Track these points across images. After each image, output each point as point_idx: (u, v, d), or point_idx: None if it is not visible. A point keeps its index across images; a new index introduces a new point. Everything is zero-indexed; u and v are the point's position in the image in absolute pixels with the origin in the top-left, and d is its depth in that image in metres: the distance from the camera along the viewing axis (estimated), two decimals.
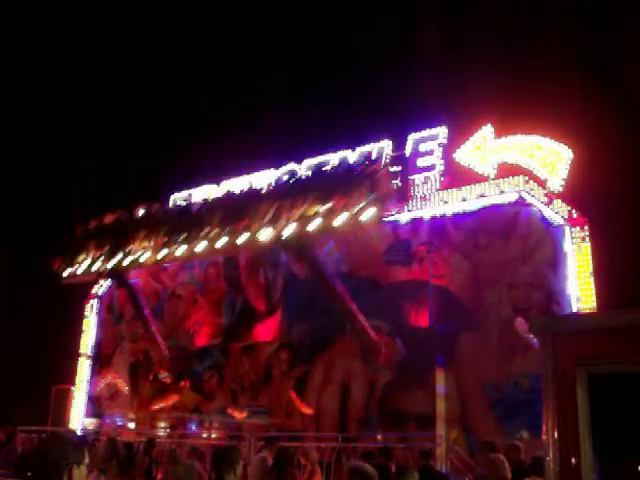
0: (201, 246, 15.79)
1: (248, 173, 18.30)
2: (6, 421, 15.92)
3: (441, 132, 15.48)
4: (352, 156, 16.47)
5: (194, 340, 18.39)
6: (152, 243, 16.78)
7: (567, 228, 13.34)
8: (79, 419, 19.38)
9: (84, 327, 20.48)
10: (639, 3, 15.23)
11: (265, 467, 10.58)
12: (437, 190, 15.04)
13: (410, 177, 15.43)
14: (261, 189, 15.72)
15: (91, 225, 18.61)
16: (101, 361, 20.09)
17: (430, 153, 15.40)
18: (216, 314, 18.26)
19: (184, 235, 16.15)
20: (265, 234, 14.58)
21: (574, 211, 13.31)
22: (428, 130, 15.67)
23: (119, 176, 22.22)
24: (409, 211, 15.27)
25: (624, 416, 5.39)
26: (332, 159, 16.80)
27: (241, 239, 14.99)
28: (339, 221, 13.49)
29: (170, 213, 17.44)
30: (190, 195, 19.35)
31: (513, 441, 10.31)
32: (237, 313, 17.88)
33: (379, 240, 15.70)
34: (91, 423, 19.23)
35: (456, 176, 15.03)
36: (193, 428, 17.44)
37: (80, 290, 20.78)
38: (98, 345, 20.38)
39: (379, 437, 13.83)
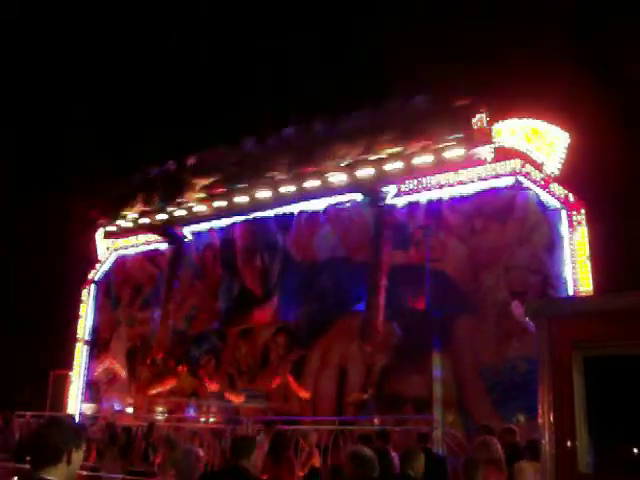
0: (265, 193, 15.79)
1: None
2: (4, 406, 15.94)
3: None
4: None
5: (191, 324, 18.39)
6: (208, 193, 16.78)
7: (564, 212, 13.33)
8: (77, 404, 19.42)
9: (81, 312, 20.48)
10: None
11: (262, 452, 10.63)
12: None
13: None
14: (333, 128, 15.63)
15: (136, 178, 18.49)
16: (98, 346, 20.09)
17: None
18: (213, 298, 18.26)
19: (245, 183, 16.10)
20: (338, 177, 14.85)
21: (571, 195, 13.30)
22: None
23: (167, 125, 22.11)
24: (406, 195, 15.27)
25: (620, 399, 5.41)
26: None
27: (310, 183, 15.18)
28: (421, 160, 13.95)
29: (227, 157, 17.15)
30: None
31: (508, 424, 10.37)
32: (234, 297, 17.87)
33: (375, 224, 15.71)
34: (89, 408, 19.28)
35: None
36: (191, 412, 17.49)
37: (77, 275, 20.81)
38: (95, 330, 20.38)
39: (376, 420, 13.87)
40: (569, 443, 5.28)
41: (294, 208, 16.81)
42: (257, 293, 17.48)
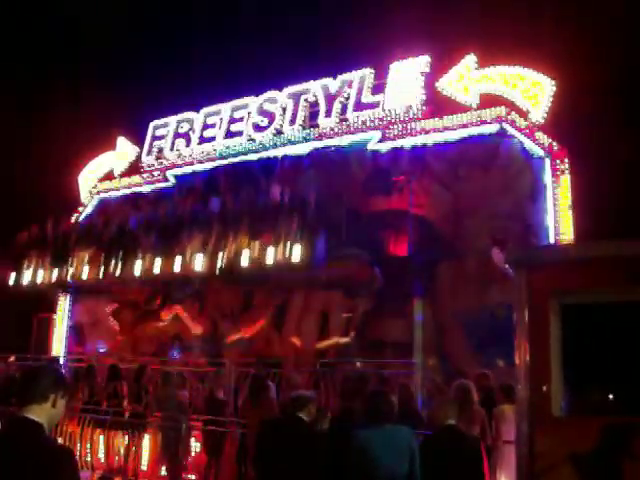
0: (138, 268, 15.94)
1: (228, 100, 18.11)
2: None
3: (424, 61, 15.30)
4: (333, 84, 16.32)
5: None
6: (90, 258, 16.93)
7: (547, 160, 13.35)
8: (61, 347, 19.51)
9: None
10: None
11: None
12: (418, 119, 14.96)
13: (391, 105, 15.36)
14: (189, 216, 15.92)
15: (32, 232, 18.46)
16: (82, 289, 20.09)
17: (412, 82, 15.25)
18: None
19: (121, 253, 16.38)
20: (199, 262, 14.98)
21: (555, 143, 13.31)
22: (411, 59, 15.48)
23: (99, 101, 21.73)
24: (390, 140, 15.22)
25: (595, 346, 5.52)
26: (313, 87, 16.66)
27: (176, 265, 15.34)
28: (270, 258, 13.98)
29: (109, 228, 17.41)
30: (167, 123, 19.15)
31: (483, 370, 10.57)
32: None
33: (359, 169, 15.69)
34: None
35: (438, 106, 14.93)
36: (174, 355, 17.64)
37: (61, 218, 20.71)
38: None
39: (358, 364, 14.07)
40: (544, 388, 5.41)
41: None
42: None
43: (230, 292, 17.03)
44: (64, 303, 19.89)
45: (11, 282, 18.06)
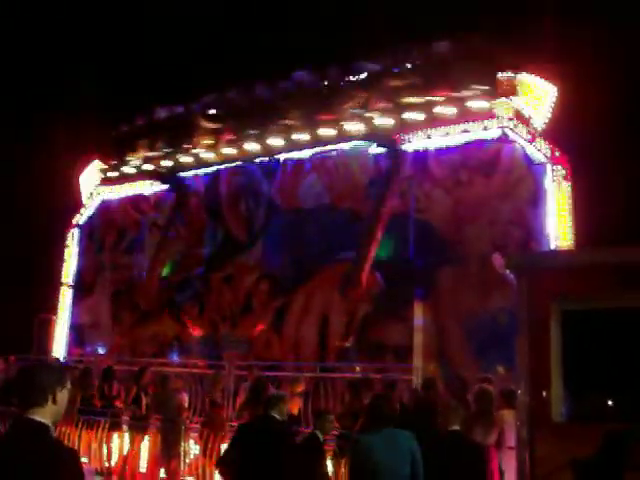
0: (276, 140, 15.30)
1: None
2: None
3: None
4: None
5: (175, 270, 18.42)
6: (217, 139, 16.27)
7: (549, 166, 13.36)
8: (62, 347, 19.52)
9: (66, 256, 20.43)
10: None
11: None
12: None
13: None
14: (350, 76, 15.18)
15: (138, 121, 18.04)
16: (82, 290, 20.11)
17: None
18: (197, 244, 18.26)
19: (257, 130, 15.60)
20: (354, 126, 14.43)
21: (556, 150, 13.32)
22: None
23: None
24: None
25: (595, 352, 5.53)
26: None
27: (324, 131, 14.68)
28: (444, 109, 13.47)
29: (238, 101, 16.57)
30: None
31: (486, 374, 10.56)
32: (218, 243, 17.89)
33: (361, 173, 15.70)
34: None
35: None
36: (174, 357, 17.63)
37: (62, 219, 20.72)
38: (79, 274, 20.37)
39: (357, 368, 14.06)
40: (544, 393, 5.42)
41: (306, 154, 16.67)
42: (241, 240, 17.49)
43: (230, 294, 17.05)
44: (64, 304, 19.91)
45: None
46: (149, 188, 19.25)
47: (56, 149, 20.97)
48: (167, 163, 18.17)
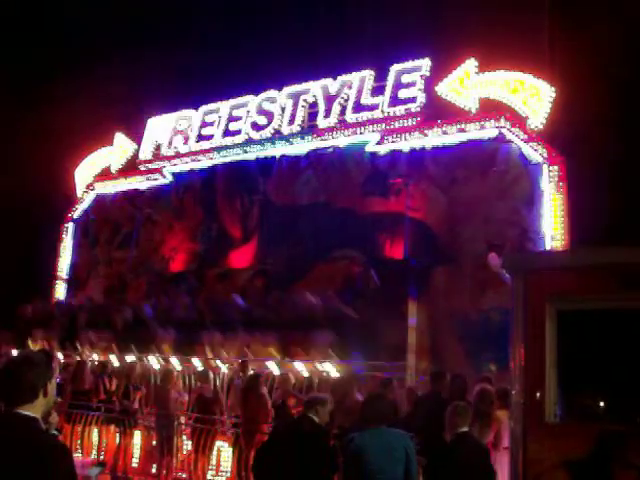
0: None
1: (228, 98, 18.11)
2: None
3: (424, 64, 15.34)
4: (333, 84, 16.33)
5: (169, 265, 18.40)
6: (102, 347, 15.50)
7: (545, 166, 13.38)
8: None
9: (60, 250, 20.39)
10: None
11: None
12: (417, 122, 14.98)
13: (390, 108, 15.38)
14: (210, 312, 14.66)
15: (37, 306, 17.30)
16: (76, 284, 20.07)
17: (412, 85, 15.30)
18: (192, 240, 18.24)
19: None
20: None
21: (553, 150, 13.33)
22: (411, 62, 15.52)
23: (97, 97, 21.66)
24: (388, 142, 15.24)
25: (589, 352, 5.52)
26: (312, 87, 16.68)
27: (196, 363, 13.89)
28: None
29: (122, 313, 15.76)
30: (166, 120, 19.15)
31: (485, 373, 10.57)
32: (213, 239, 17.86)
33: (357, 171, 15.69)
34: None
35: (437, 109, 14.95)
36: None
37: (57, 213, 20.67)
38: (73, 268, 20.33)
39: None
40: (538, 394, 5.41)
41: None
42: (236, 236, 17.47)
43: (224, 290, 17.00)
44: (59, 297, 19.86)
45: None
46: (144, 182, 19.25)
47: (52, 143, 20.87)
48: None
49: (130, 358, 14.46)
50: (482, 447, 6.01)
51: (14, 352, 15.43)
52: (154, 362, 14.46)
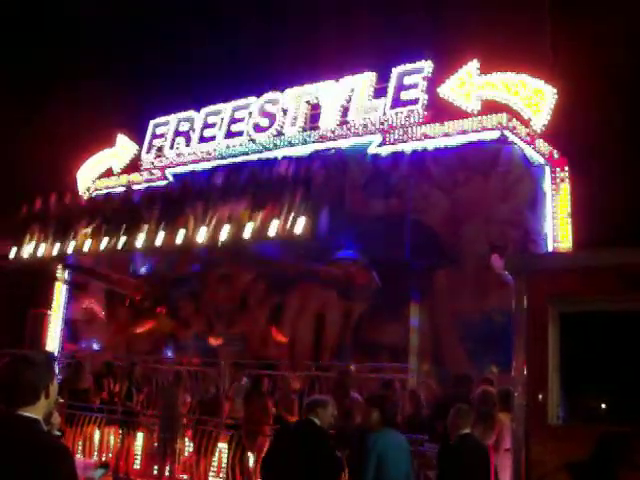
0: (140, 241, 15.30)
1: (228, 100, 18.10)
2: None
3: (426, 66, 15.31)
4: (335, 86, 16.33)
5: (171, 267, 18.35)
6: (92, 231, 16.24)
7: (547, 168, 13.37)
8: (56, 343, 19.45)
9: None
10: None
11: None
12: (419, 124, 14.96)
13: (392, 110, 15.37)
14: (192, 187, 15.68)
15: (36, 206, 17.79)
16: (77, 286, 20.05)
17: (414, 86, 15.27)
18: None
19: (124, 227, 15.69)
20: (201, 235, 14.38)
21: (555, 151, 13.32)
22: (413, 63, 15.49)
23: (99, 99, 21.67)
24: (390, 144, 15.23)
25: (592, 354, 5.51)
26: (315, 88, 16.67)
27: (179, 237, 14.69)
28: (272, 230, 13.40)
29: (111, 201, 16.98)
30: (167, 121, 19.14)
31: (487, 374, 10.56)
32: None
33: (359, 172, 15.67)
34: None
35: (439, 111, 14.93)
36: (169, 354, 17.60)
37: None
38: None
39: (352, 367, 14.05)
40: (540, 396, 5.40)
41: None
42: None
43: (226, 292, 17.01)
44: (59, 298, 19.84)
45: (11, 256, 17.32)
46: (145, 184, 19.24)
47: (54, 145, 20.89)
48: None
49: None
50: (483, 448, 6.07)
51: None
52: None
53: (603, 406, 5.57)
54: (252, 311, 16.55)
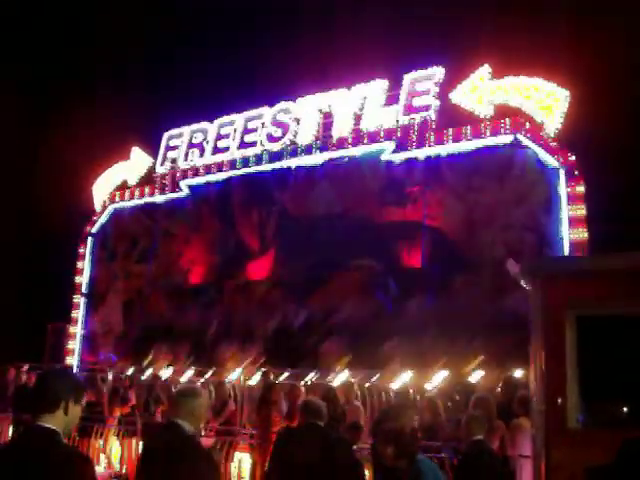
0: None
1: (243, 110, 18.19)
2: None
3: (438, 72, 15.32)
4: (347, 94, 16.35)
5: (188, 278, 18.44)
6: None
7: (562, 171, 13.30)
8: (75, 356, 19.56)
9: (79, 265, 20.51)
10: None
11: None
12: (432, 130, 14.96)
13: (405, 116, 15.38)
14: None
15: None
16: (95, 299, 20.17)
17: (426, 93, 15.29)
18: (210, 252, 18.28)
19: None
20: None
21: (569, 154, 13.26)
22: (424, 70, 15.51)
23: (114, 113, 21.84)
24: (404, 151, 15.24)
25: (610, 358, 5.47)
26: (327, 97, 16.71)
27: None
28: None
29: None
30: (181, 133, 19.25)
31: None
32: (230, 251, 17.90)
33: (373, 180, 15.68)
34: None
35: (452, 117, 14.92)
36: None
37: (75, 228, 20.81)
38: (92, 283, 20.42)
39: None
40: (559, 400, 5.36)
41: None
42: (254, 247, 17.50)
43: (243, 302, 17.05)
44: (78, 312, 19.96)
45: None
46: (161, 196, 19.35)
47: (70, 159, 21.05)
48: None
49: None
50: (496, 455, 6.00)
51: None
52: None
53: (623, 410, 5.52)
54: None
